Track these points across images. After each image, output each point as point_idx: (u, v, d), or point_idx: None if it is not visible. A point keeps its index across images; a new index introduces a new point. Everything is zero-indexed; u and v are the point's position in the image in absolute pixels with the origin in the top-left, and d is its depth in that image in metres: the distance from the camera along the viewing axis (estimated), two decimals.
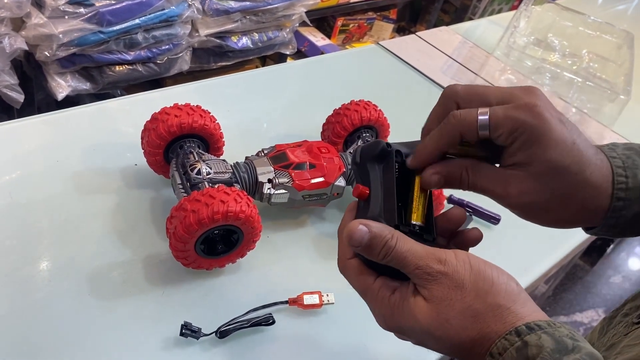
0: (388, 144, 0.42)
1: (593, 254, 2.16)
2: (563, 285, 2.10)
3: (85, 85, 1.41)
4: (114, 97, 1.49)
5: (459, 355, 0.37)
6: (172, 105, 0.67)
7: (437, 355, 0.62)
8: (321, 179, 0.68)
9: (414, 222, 0.40)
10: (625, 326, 0.44)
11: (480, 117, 0.38)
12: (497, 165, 0.41)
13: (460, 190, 0.43)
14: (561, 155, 0.38)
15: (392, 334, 0.40)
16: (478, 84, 0.45)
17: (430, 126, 0.42)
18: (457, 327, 0.35)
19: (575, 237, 0.86)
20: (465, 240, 0.42)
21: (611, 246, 2.17)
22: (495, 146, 0.40)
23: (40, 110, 1.47)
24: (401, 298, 0.37)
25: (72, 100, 1.44)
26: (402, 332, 0.39)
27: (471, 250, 0.42)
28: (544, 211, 0.41)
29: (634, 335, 0.41)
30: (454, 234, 0.43)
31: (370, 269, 0.39)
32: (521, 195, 0.40)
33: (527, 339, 0.33)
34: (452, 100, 0.40)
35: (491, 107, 0.38)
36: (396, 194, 0.40)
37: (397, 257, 0.36)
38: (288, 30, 1.76)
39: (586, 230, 0.44)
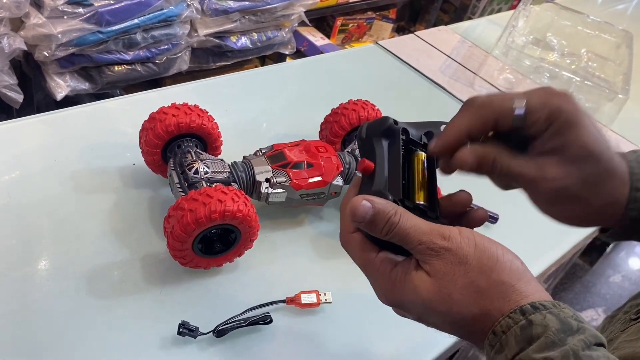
0: (395, 121, 0.41)
1: (593, 253, 2.16)
2: (563, 284, 2.10)
3: (84, 85, 1.41)
4: (113, 97, 1.49)
5: (459, 332, 0.36)
6: (170, 104, 0.67)
7: (436, 352, 0.62)
8: (319, 178, 0.68)
9: (418, 202, 0.40)
10: (623, 322, 0.44)
11: (516, 102, 0.38)
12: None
13: (459, 189, 0.43)
14: (594, 141, 0.39)
15: (390, 335, 0.40)
16: (477, 85, 0.46)
17: (458, 134, 0.41)
18: (460, 302, 0.35)
19: (573, 236, 0.86)
20: (470, 220, 0.42)
21: (611, 245, 2.17)
22: (518, 142, 0.40)
23: (39, 110, 1.48)
24: (403, 272, 0.37)
25: (71, 100, 1.44)
26: (403, 307, 0.38)
27: None
28: (573, 200, 0.41)
29: (631, 331, 0.41)
30: (459, 216, 0.42)
31: (373, 243, 0.39)
32: (556, 180, 0.39)
33: (532, 318, 0.33)
34: (476, 102, 0.41)
35: (526, 94, 0.39)
36: (401, 170, 0.40)
37: (400, 233, 0.36)
38: (287, 30, 1.77)
39: (602, 233, 0.44)
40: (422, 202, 0.40)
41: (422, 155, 0.42)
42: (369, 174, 0.40)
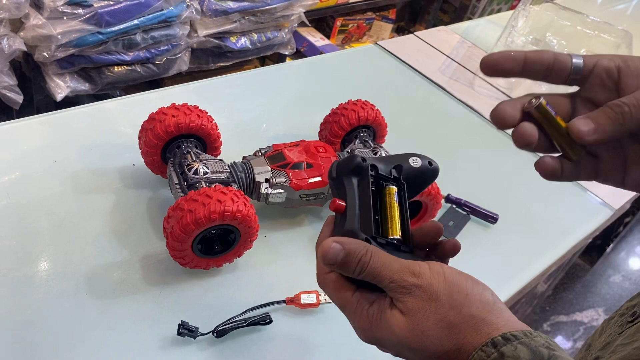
0: (363, 158, 0.42)
1: (593, 253, 2.16)
2: (563, 284, 2.09)
3: (84, 86, 1.41)
4: (113, 97, 1.49)
5: None
6: (169, 105, 0.67)
7: None
8: (318, 179, 0.68)
9: (392, 237, 0.41)
10: (620, 325, 0.44)
11: (574, 60, 0.38)
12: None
13: (458, 189, 0.43)
14: None
15: None
16: (476, 85, 0.45)
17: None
18: (433, 338, 0.35)
19: (573, 236, 0.86)
20: (443, 251, 0.42)
21: (611, 245, 2.17)
22: None
23: (39, 111, 1.48)
24: (379, 310, 0.37)
25: (71, 101, 1.44)
26: (381, 344, 0.39)
27: (461, 255, 0.42)
28: None
29: (627, 333, 0.41)
30: (433, 246, 0.43)
31: (349, 282, 0.39)
32: None
33: (504, 350, 0.33)
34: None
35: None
36: (372, 206, 0.40)
37: (372, 272, 0.37)
38: (287, 30, 1.77)
39: None
40: (395, 237, 0.41)
41: (393, 188, 0.43)
42: (341, 212, 0.41)
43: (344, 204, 0.41)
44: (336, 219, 0.42)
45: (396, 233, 0.41)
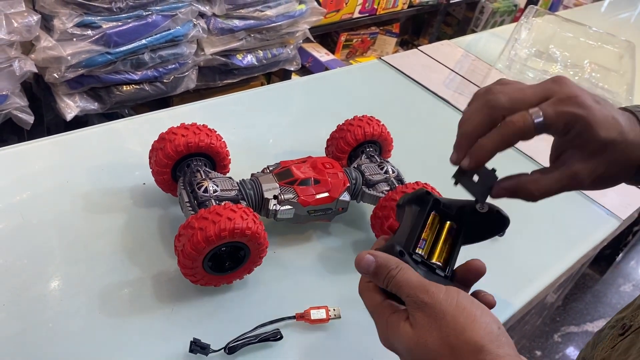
0: (428, 192, 0.47)
1: (602, 262, 2.15)
2: (573, 294, 2.08)
3: (93, 105, 1.43)
4: (122, 116, 1.51)
5: None
6: (179, 124, 0.68)
7: None
8: (326, 194, 0.69)
9: (432, 262, 0.45)
10: (612, 339, 0.44)
11: (536, 121, 0.42)
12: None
13: None
14: (608, 131, 0.43)
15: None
16: (472, 93, 0.48)
17: (475, 133, 0.45)
18: (435, 353, 0.37)
19: (580, 248, 0.86)
20: (467, 274, 0.45)
21: (620, 254, 2.16)
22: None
23: (49, 131, 1.50)
24: (397, 319, 0.40)
25: (81, 120, 1.46)
26: (396, 351, 0.42)
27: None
28: (609, 179, 0.46)
29: (621, 348, 0.42)
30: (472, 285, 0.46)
31: (381, 291, 0.43)
32: (591, 174, 0.44)
33: None
34: (497, 110, 0.44)
35: (541, 107, 0.43)
36: (421, 230, 0.45)
37: (396, 285, 0.41)
38: (292, 46, 1.79)
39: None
40: (436, 262, 0.45)
41: (449, 223, 0.47)
42: (394, 232, 0.46)
43: (398, 224, 0.46)
44: (390, 236, 0.47)
45: (438, 259, 0.45)
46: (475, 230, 0.47)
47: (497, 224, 0.47)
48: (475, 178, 0.46)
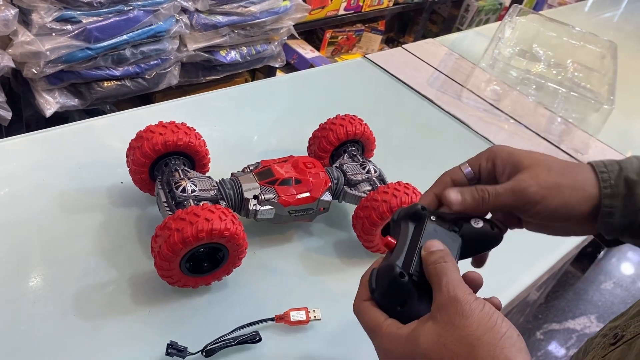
0: (423, 207, 0.46)
1: (584, 260, 2.17)
2: (555, 292, 2.10)
3: (73, 102, 1.41)
4: (104, 112, 1.49)
5: None
6: (157, 122, 0.67)
7: None
8: (307, 194, 0.68)
9: None
10: (603, 347, 0.44)
11: (462, 166, 0.50)
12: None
13: None
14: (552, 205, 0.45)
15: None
16: (464, 97, 0.49)
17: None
18: (452, 354, 0.37)
19: (562, 246, 0.86)
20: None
21: (602, 252, 2.18)
22: None
23: (28, 127, 1.47)
24: (408, 328, 0.40)
25: (61, 117, 1.44)
26: None
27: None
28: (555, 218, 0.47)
29: (612, 358, 0.42)
30: None
31: (382, 311, 0.42)
32: (533, 185, 0.45)
33: None
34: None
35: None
36: (419, 248, 0.44)
37: (441, 269, 0.40)
38: (276, 43, 1.77)
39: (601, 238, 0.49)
40: None
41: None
42: (390, 249, 0.45)
43: (394, 241, 0.45)
44: (386, 255, 0.46)
45: None
46: (469, 246, 0.47)
47: (489, 239, 0.48)
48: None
